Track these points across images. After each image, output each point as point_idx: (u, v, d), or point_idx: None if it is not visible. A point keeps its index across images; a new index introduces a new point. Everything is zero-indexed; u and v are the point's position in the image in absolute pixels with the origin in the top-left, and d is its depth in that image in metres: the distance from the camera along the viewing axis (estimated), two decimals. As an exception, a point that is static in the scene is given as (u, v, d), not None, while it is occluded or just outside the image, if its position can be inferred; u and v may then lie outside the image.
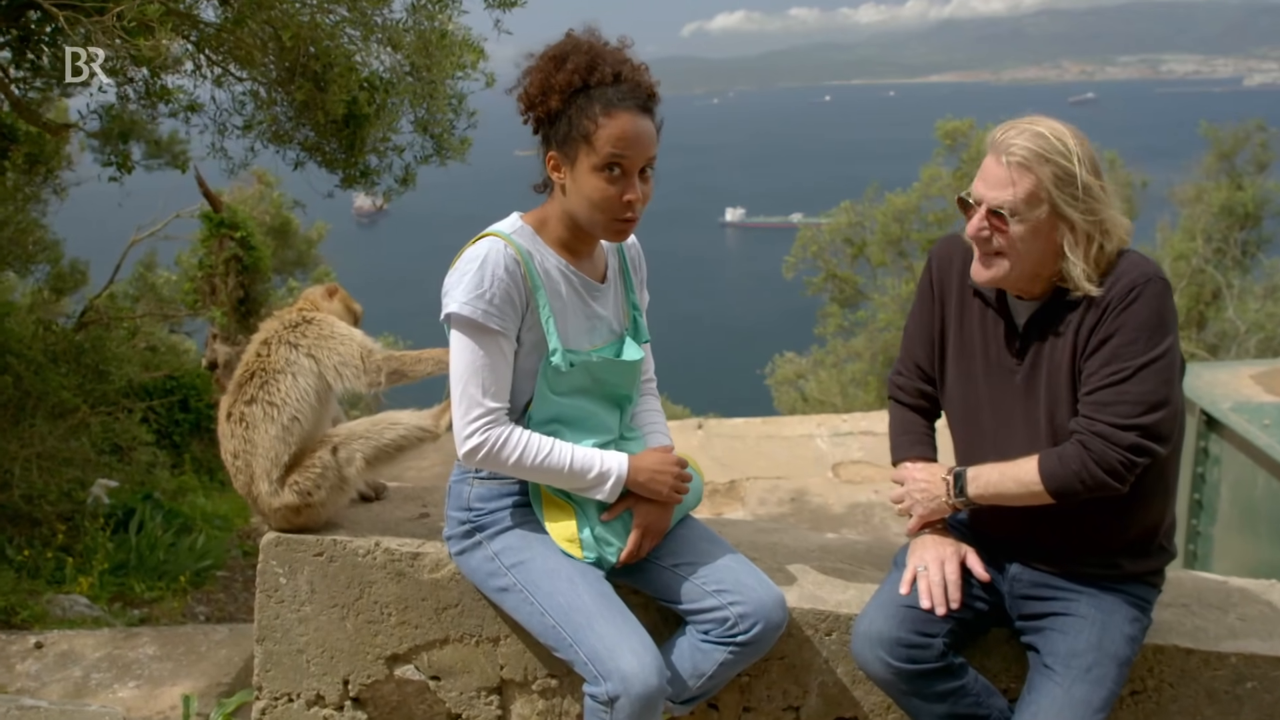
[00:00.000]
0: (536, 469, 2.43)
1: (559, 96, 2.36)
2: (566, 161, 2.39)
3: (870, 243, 17.85)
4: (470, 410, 2.40)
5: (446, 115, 6.95)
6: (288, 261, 18.19)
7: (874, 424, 11.74)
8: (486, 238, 2.42)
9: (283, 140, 7.14)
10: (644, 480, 2.48)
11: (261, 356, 2.84)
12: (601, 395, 2.58)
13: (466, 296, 2.35)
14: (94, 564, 7.05)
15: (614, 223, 2.39)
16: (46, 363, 7.18)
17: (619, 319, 2.64)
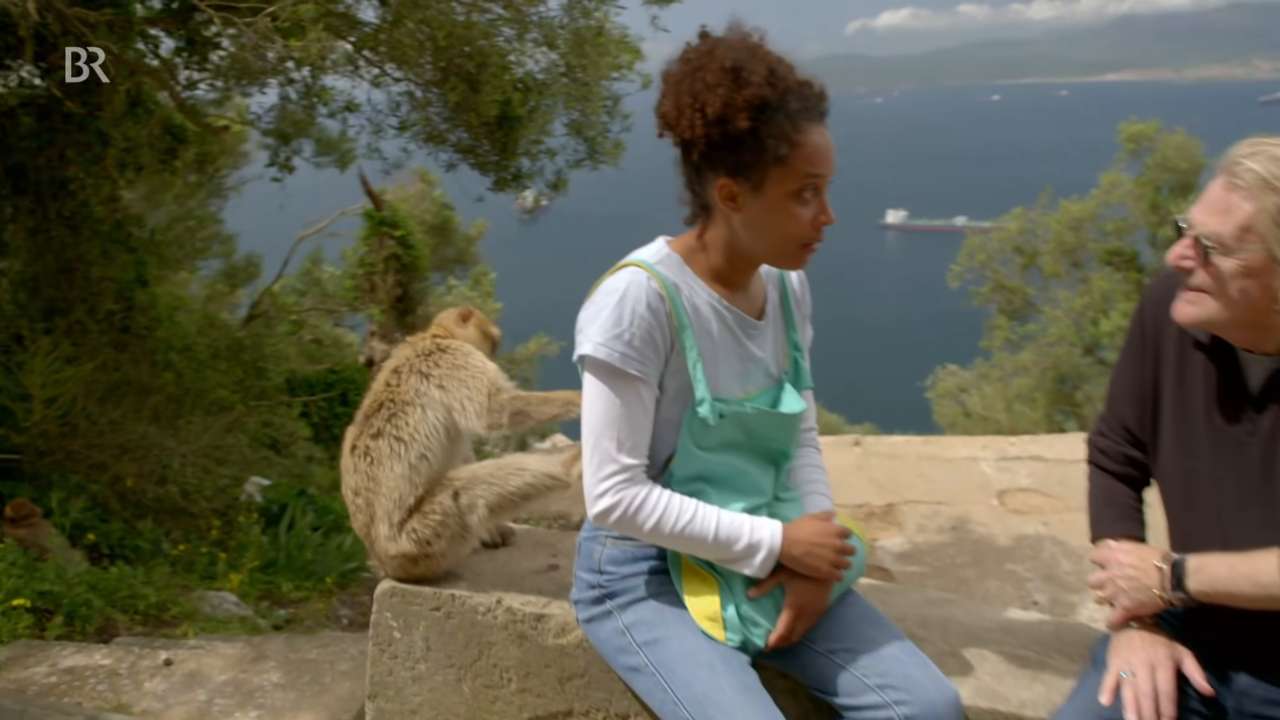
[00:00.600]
0: (676, 537, 2.10)
1: (747, 115, 2.01)
2: (748, 189, 2.04)
3: (1043, 252, 16.82)
4: (603, 466, 2.08)
5: (600, 117, 6.71)
6: (447, 259, 18.44)
7: (1043, 449, 10.95)
8: (627, 268, 2.10)
9: (437, 141, 7.04)
10: (799, 554, 2.12)
11: (390, 386, 2.62)
12: (754, 451, 2.23)
13: (602, 336, 2.04)
14: (245, 561, 7.10)
15: (803, 250, 2.08)
16: (208, 359, 7.28)
17: (777, 361, 2.28)
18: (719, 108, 2.01)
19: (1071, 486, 10.11)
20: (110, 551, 6.46)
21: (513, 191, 6.79)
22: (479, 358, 2.66)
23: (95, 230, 6.98)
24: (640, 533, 2.11)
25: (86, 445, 6.32)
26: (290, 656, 3.84)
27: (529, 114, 6.35)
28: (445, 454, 2.60)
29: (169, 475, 6.71)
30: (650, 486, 2.10)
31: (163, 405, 6.70)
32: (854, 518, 2.45)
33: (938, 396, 20.37)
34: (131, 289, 6.86)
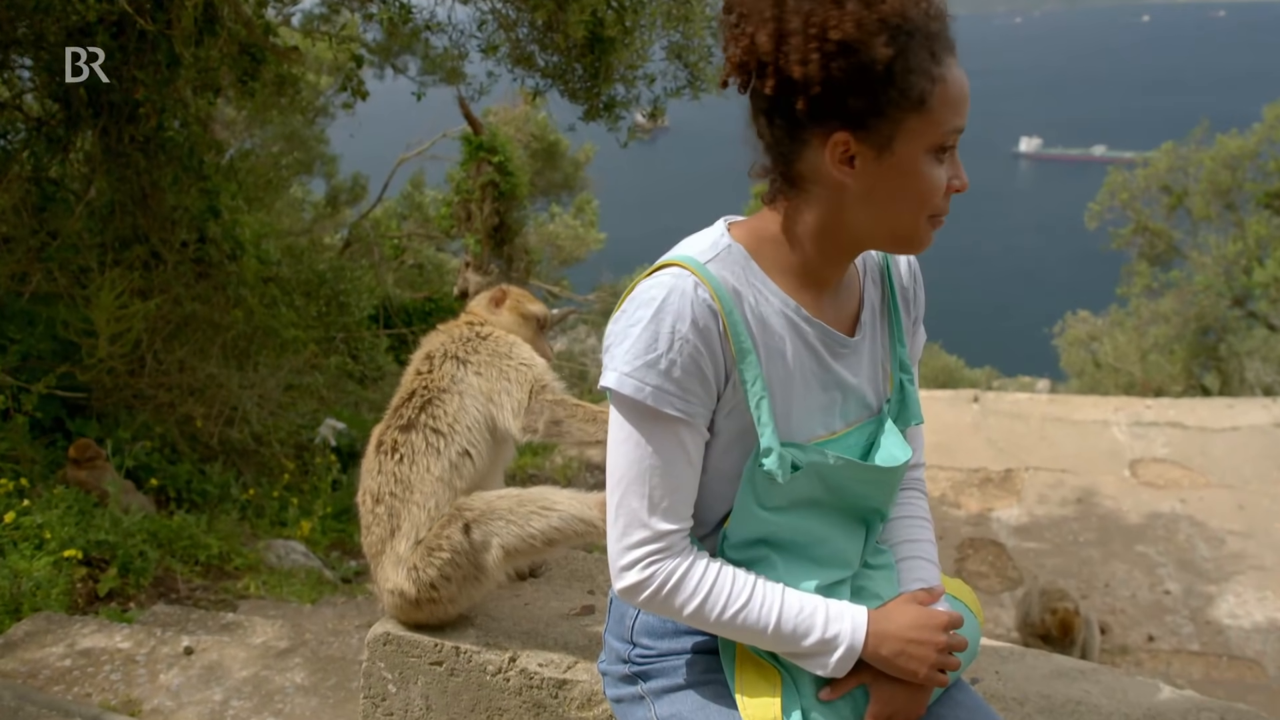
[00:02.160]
0: (724, 625, 1.60)
1: (887, 40, 1.45)
2: (875, 146, 1.50)
3: (1193, 192, 15.44)
4: (630, 532, 1.59)
5: (704, 40, 6.07)
6: (554, 184, 17.97)
7: (1184, 414, 10.05)
8: (668, 269, 1.57)
9: (526, 65, 6.52)
10: (890, 654, 1.60)
11: (422, 374, 2.23)
12: (840, 509, 1.70)
13: (631, 364, 1.53)
14: (317, 508, 6.89)
15: (929, 224, 1.57)
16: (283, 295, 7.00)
17: (876, 387, 1.73)
18: (850, 30, 1.45)
19: (1214, 459, 9.26)
20: (177, 495, 6.29)
21: (606, 122, 6.24)
22: (525, 349, 2.29)
23: (171, 156, 6.71)
24: (677, 616, 1.62)
25: (154, 384, 6.11)
26: (320, 652, 3.50)
27: (623, 35, 5.75)
28: (490, 456, 2.22)
29: (239, 416, 6.47)
30: (691, 557, 1.60)
31: (233, 343, 6.44)
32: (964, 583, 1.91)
33: (1066, 344, 19.22)
34: (204, 219, 6.58)
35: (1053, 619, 5.95)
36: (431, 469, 2.13)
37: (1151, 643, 6.60)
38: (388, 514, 2.14)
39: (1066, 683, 2.18)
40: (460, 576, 2.04)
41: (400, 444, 2.16)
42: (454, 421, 2.16)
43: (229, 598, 5.45)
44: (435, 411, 2.17)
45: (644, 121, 7.26)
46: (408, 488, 2.13)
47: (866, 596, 1.69)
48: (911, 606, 1.64)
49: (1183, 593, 7.09)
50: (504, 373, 2.22)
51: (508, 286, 2.53)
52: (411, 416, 2.17)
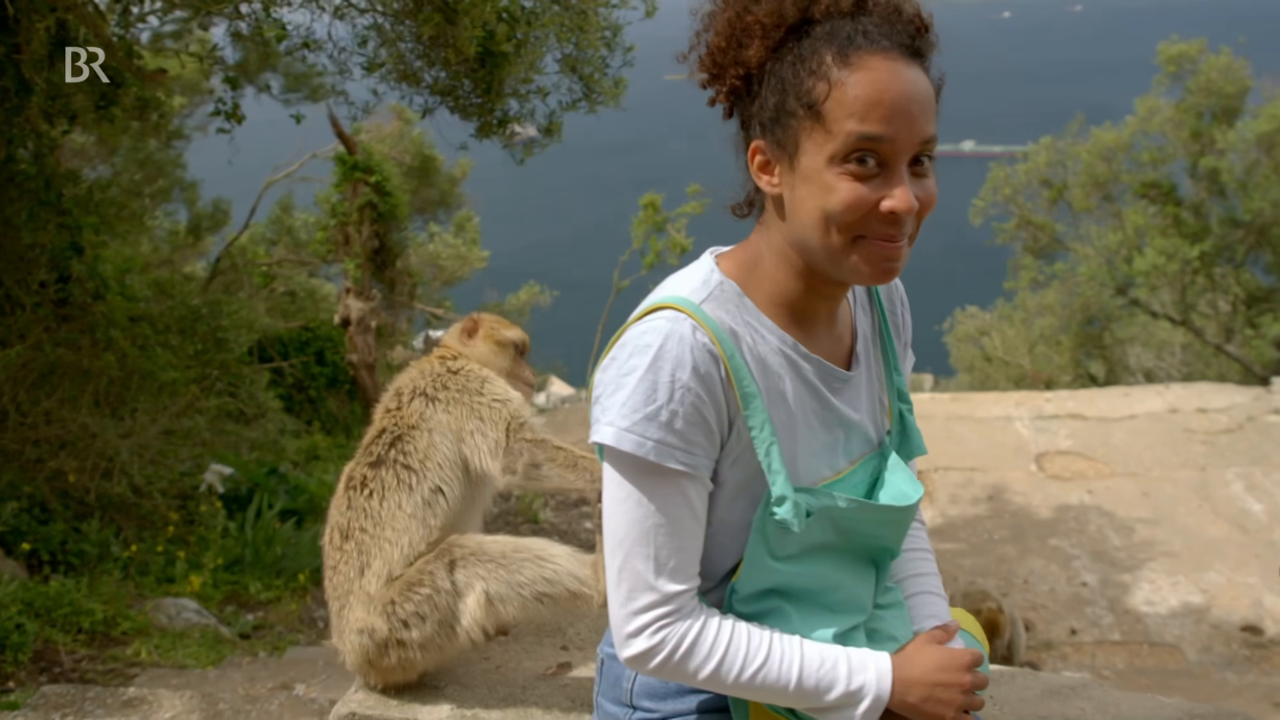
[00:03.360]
0: (743, 687, 1.54)
1: (762, 42, 1.44)
2: (781, 154, 1.46)
3: (1073, 185, 16.10)
4: (635, 596, 1.51)
5: (598, 51, 6.03)
6: (430, 201, 17.68)
7: (1083, 405, 10.44)
8: (662, 311, 1.50)
9: (411, 82, 6.37)
10: (917, 700, 1.57)
11: (391, 411, 2.20)
12: (850, 552, 1.66)
13: (629, 418, 1.45)
14: (206, 560, 6.58)
15: (859, 246, 1.45)
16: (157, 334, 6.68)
17: (876, 421, 1.70)
18: (726, 36, 1.47)
19: (1116, 448, 9.63)
20: (51, 558, 5.93)
21: (500, 139, 6.13)
22: (498, 385, 2.23)
23: (24, 190, 6.34)
24: (692, 680, 1.55)
25: (19, 439, 5.75)
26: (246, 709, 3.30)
27: (516, 49, 5.67)
28: (465, 494, 2.16)
29: (116, 468, 6.14)
30: (703, 617, 1.54)
31: (105, 389, 6.11)
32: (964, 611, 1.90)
33: (956, 340, 19.80)
34: (66, 257, 6.23)
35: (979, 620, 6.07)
36: (403, 505, 2.08)
37: (1074, 636, 6.79)
38: (357, 550, 2.07)
39: (1060, 701, 2.19)
40: (434, 621, 1.96)
41: (370, 479, 2.11)
42: (424, 458, 2.11)
43: (119, 666, 5.15)
44: (405, 448, 2.12)
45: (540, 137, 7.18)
46: (378, 523, 2.07)
47: (881, 639, 1.66)
48: (933, 648, 1.61)
49: (1099, 583, 7.32)
50: (475, 410, 2.16)
51: (479, 315, 2.45)
52: (381, 453, 2.13)
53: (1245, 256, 15.56)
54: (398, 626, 1.98)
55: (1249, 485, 8.33)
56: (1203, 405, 9.70)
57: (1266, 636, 6.58)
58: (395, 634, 1.98)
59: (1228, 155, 14.90)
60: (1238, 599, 6.96)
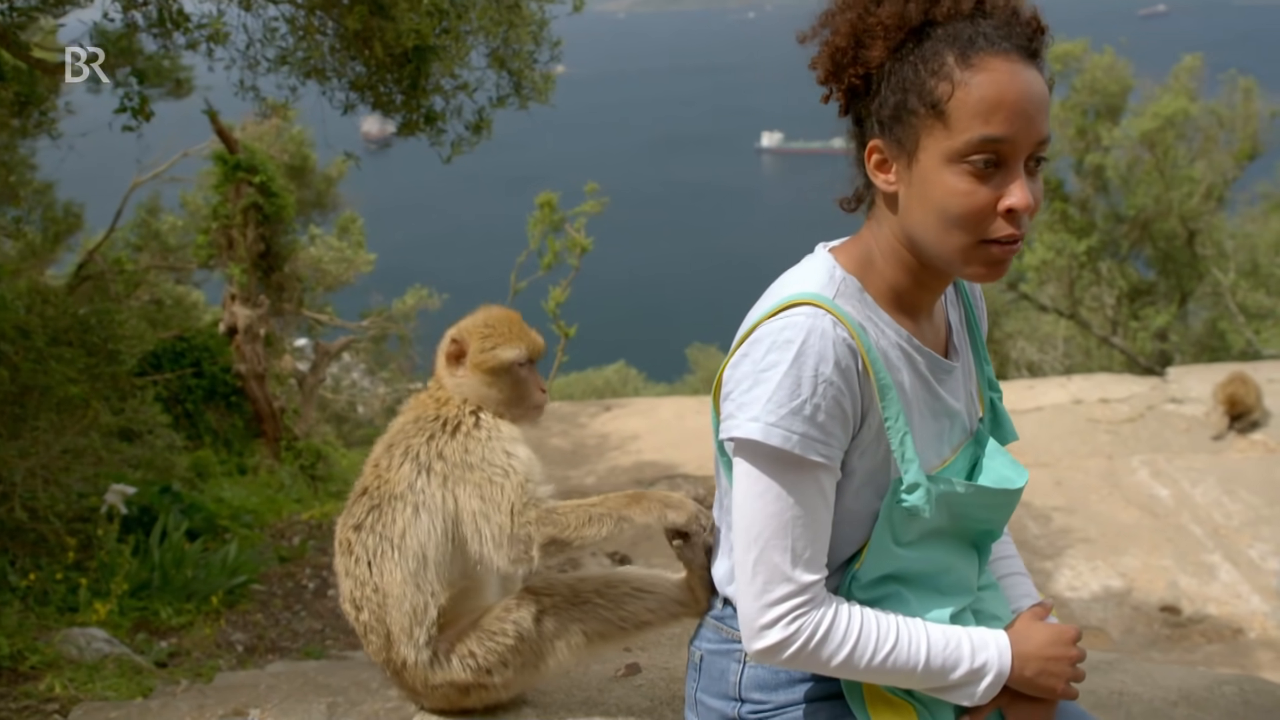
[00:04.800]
0: (874, 671, 1.63)
1: (884, 43, 1.53)
2: (901, 153, 1.56)
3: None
4: (772, 588, 1.58)
5: (528, 46, 6.04)
6: (305, 203, 17.29)
7: (989, 398, 10.86)
8: (801, 308, 1.57)
9: (321, 77, 6.27)
10: (1032, 674, 1.68)
11: (378, 469, 2.03)
12: (958, 536, 1.77)
13: (776, 413, 1.52)
14: (112, 586, 6.35)
15: (982, 248, 1.55)
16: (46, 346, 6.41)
17: (971, 409, 1.81)
18: (848, 36, 1.56)
19: (1026, 440, 10.04)
20: (-56, 592, 5.64)
21: (429, 136, 6.09)
22: (501, 447, 2.00)
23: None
24: (824, 668, 1.63)
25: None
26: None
27: (442, 42, 5.64)
28: (460, 560, 2.02)
29: (11, 492, 5.88)
30: (835, 606, 1.62)
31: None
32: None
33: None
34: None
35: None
36: (394, 573, 1.96)
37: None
38: (376, 621, 1.99)
39: (1101, 676, 2.34)
40: (521, 663, 1.94)
41: (354, 544, 2.02)
42: (403, 536, 1.97)
43: (34, 704, 4.95)
44: (384, 518, 1.99)
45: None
46: (382, 594, 1.97)
47: (986, 619, 1.77)
48: (1042, 625, 1.73)
49: (1022, 574, 7.67)
50: (478, 489, 1.95)
51: (464, 331, 2.11)
52: (361, 517, 2.02)
53: (1129, 251, 16.43)
54: (480, 674, 1.95)
55: (1154, 472, 8.83)
56: (1105, 396, 10.23)
57: (1184, 615, 7.00)
58: (478, 679, 1.96)
59: (1112, 152, 15.72)
60: (1154, 581, 7.38)
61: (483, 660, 1.93)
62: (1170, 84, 15.68)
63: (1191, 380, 10.41)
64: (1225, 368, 10.53)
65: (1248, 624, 6.93)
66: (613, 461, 9.37)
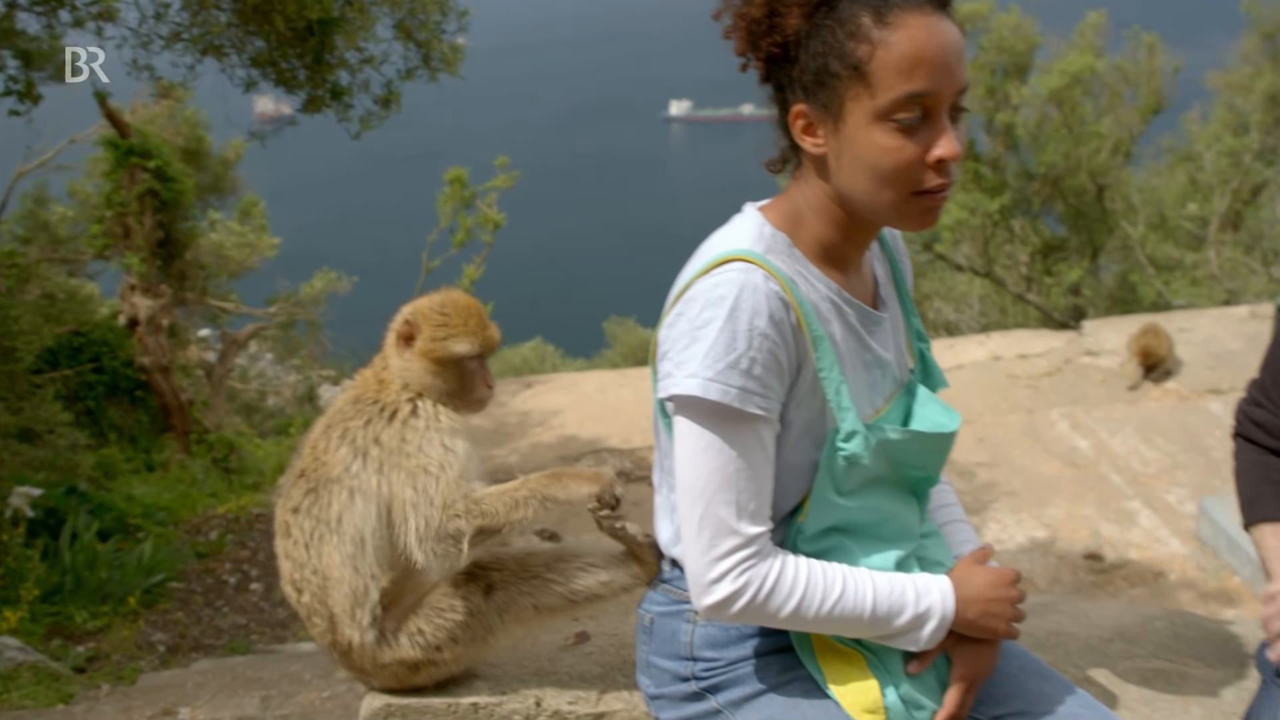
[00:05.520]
0: (822, 620, 1.69)
1: (799, 10, 1.58)
2: (826, 116, 1.61)
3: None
4: (718, 541, 1.64)
5: (434, 16, 5.99)
6: (203, 187, 16.91)
7: (910, 359, 11.10)
8: (732, 264, 1.62)
9: (221, 53, 6.16)
10: (975, 616, 1.76)
11: (316, 451, 2.01)
12: (898, 484, 1.84)
13: (713, 368, 1.57)
14: (21, 592, 6.21)
15: (915, 200, 1.61)
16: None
17: (902, 359, 1.88)
18: (763, 4, 1.60)
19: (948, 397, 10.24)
20: None
21: (336, 112, 6.01)
22: (438, 439, 1.96)
23: None
24: (773, 620, 1.69)
25: None
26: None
27: (346, 14, 5.58)
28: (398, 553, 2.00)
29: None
30: (781, 558, 1.68)
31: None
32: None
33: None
34: None
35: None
36: (332, 555, 1.96)
37: (935, 582, 7.30)
38: (317, 603, 1.98)
39: (1038, 618, 2.45)
40: (471, 637, 1.97)
41: (292, 526, 2.01)
42: (339, 520, 1.96)
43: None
44: (320, 501, 1.98)
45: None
46: (322, 576, 1.97)
47: (929, 565, 1.85)
48: (982, 568, 1.81)
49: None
50: (412, 477, 1.92)
51: (419, 313, 2.03)
52: (298, 500, 2.01)
53: (1041, 208, 16.85)
54: (430, 650, 1.97)
55: (1074, 424, 9.12)
56: (1023, 351, 10.52)
57: (1107, 562, 7.27)
58: (428, 656, 1.98)
59: (1021, 110, 16.08)
60: (1078, 530, 7.64)
61: (431, 637, 1.95)
62: (1076, 41, 16.09)
63: (1106, 333, 10.74)
64: (1138, 319, 10.87)
65: (1168, 567, 7.22)
66: (536, 439, 9.38)
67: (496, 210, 12.76)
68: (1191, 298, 15.14)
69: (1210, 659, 2.38)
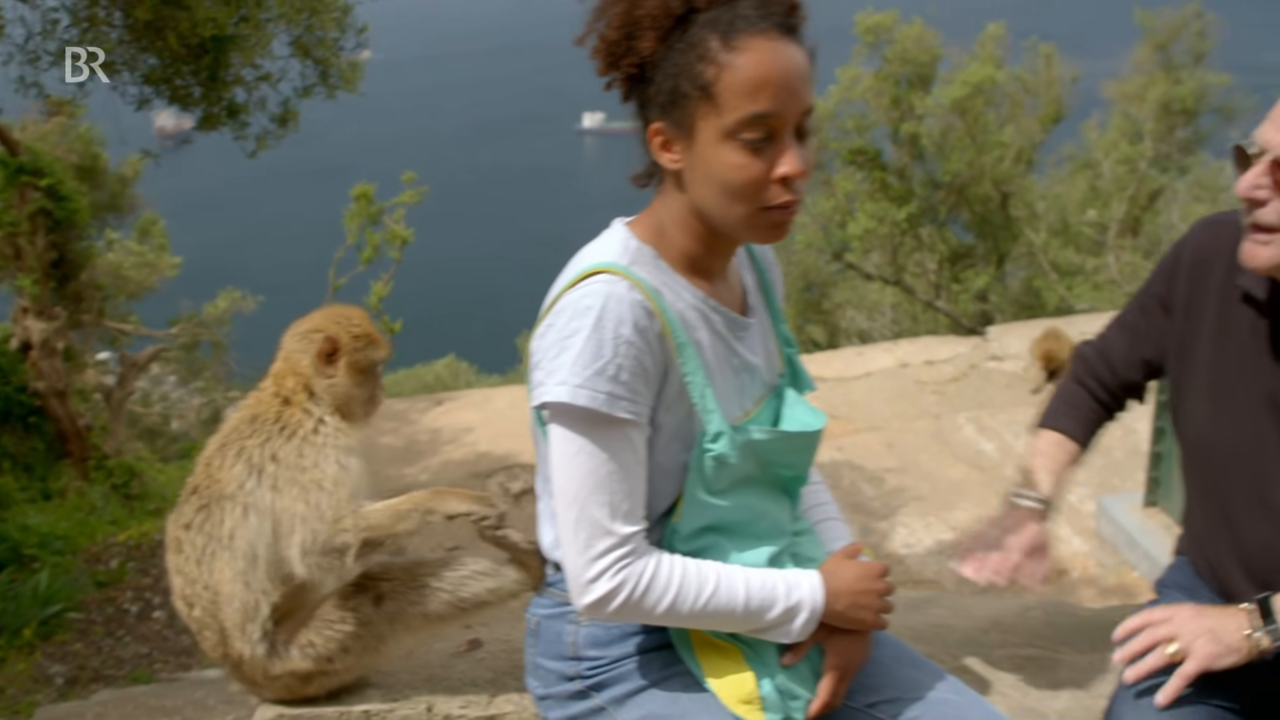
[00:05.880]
0: (696, 615, 1.79)
1: (653, 34, 1.69)
2: (680, 134, 1.72)
3: (781, 155, 17.22)
4: (594, 542, 1.73)
5: (331, 33, 6.02)
6: (99, 205, 16.59)
7: (821, 368, 11.32)
8: (598, 276, 1.72)
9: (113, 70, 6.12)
10: (843, 608, 1.87)
11: (210, 469, 2.07)
12: (768, 483, 1.94)
13: (580, 375, 1.67)
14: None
15: (764, 214, 1.72)
16: None
17: (770, 364, 1.99)
18: (619, 28, 1.70)
19: (857, 405, 10.55)
20: None
21: (232, 129, 5.99)
22: (334, 457, 2.05)
23: None
24: (649, 617, 1.78)
25: None
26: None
27: (241, 31, 5.58)
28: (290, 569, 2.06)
29: None
30: (656, 556, 1.78)
31: None
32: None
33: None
34: None
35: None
36: (223, 571, 2.02)
37: (845, 588, 7.47)
38: (209, 617, 2.04)
39: (921, 613, 2.58)
40: (362, 647, 2.03)
41: (184, 542, 2.06)
42: (231, 536, 2.02)
43: None
44: (212, 518, 2.04)
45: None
46: (213, 592, 2.03)
47: (803, 561, 1.95)
48: (851, 562, 1.92)
49: (860, 533, 8.07)
50: (305, 491, 2.00)
51: (331, 329, 2.11)
52: (190, 516, 2.06)
53: (947, 216, 17.33)
54: (321, 661, 2.03)
55: (979, 428, 9.40)
56: (929, 358, 10.81)
57: (1011, 564, 7.52)
58: (320, 667, 2.04)
59: (925, 120, 16.53)
60: (984, 533, 7.89)
61: (323, 649, 2.01)
62: (977, 52, 16.60)
63: (1010, 338, 11.07)
64: (1041, 324, 11.22)
65: (1070, 564, 7.48)
66: (447, 456, 9.39)
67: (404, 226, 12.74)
68: (1093, 302, 15.65)
69: (1081, 644, 2.52)
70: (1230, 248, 2.02)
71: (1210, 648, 1.90)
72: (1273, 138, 1.81)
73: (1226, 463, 2.06)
